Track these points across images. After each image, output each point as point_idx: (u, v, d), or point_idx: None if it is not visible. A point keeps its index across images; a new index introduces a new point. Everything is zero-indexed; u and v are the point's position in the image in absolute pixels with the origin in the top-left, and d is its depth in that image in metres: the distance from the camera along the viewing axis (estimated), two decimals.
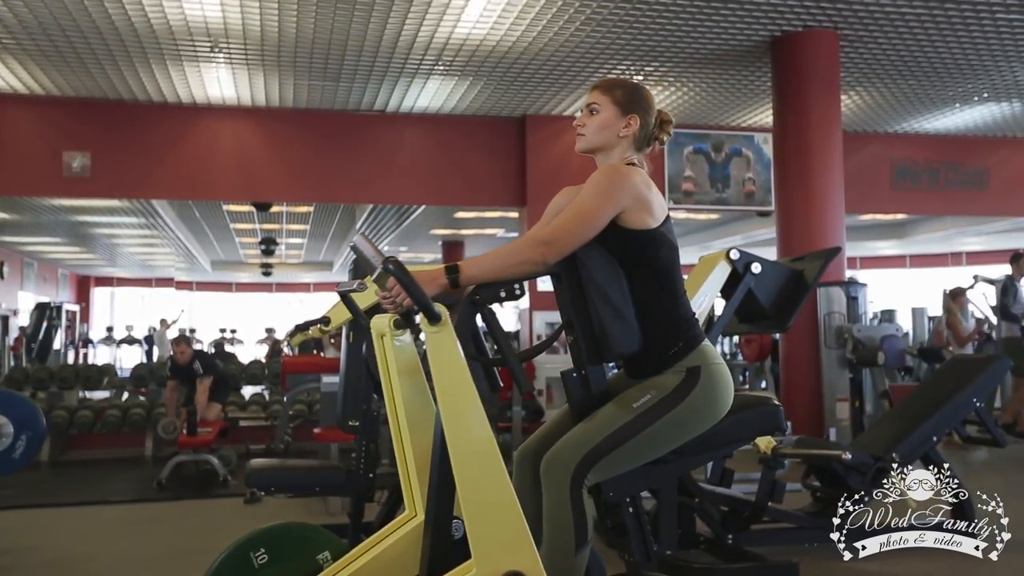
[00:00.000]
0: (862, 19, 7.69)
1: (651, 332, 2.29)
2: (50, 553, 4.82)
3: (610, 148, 2.41)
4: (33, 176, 9.70)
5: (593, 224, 2.21)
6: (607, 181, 2.26)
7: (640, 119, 2.39)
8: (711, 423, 2.28)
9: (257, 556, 2.54)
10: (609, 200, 2.23)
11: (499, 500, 2.01)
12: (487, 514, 2.00)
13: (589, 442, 2.20)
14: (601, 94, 2.40)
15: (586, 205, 2.22)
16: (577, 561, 2.17)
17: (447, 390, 2.04)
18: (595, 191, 2.25)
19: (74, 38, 7.86)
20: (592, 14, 7.52)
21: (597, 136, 2.40)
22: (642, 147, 2.43)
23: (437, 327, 2.03)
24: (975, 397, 4.58)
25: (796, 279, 4.60)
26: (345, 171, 10.37)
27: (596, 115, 2.40)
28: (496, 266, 2.17)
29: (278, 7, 7.27)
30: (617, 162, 2.39)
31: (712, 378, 2.27)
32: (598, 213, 2.22)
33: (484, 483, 2.02)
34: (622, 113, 2.38)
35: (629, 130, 2.39)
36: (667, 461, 2.32)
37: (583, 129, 2.41)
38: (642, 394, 2.26)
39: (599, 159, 2.43)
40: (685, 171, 10.89)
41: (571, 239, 2.19)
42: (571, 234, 2.19)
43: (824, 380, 7.53)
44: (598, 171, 2.32)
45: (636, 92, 2.42)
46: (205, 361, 7.52)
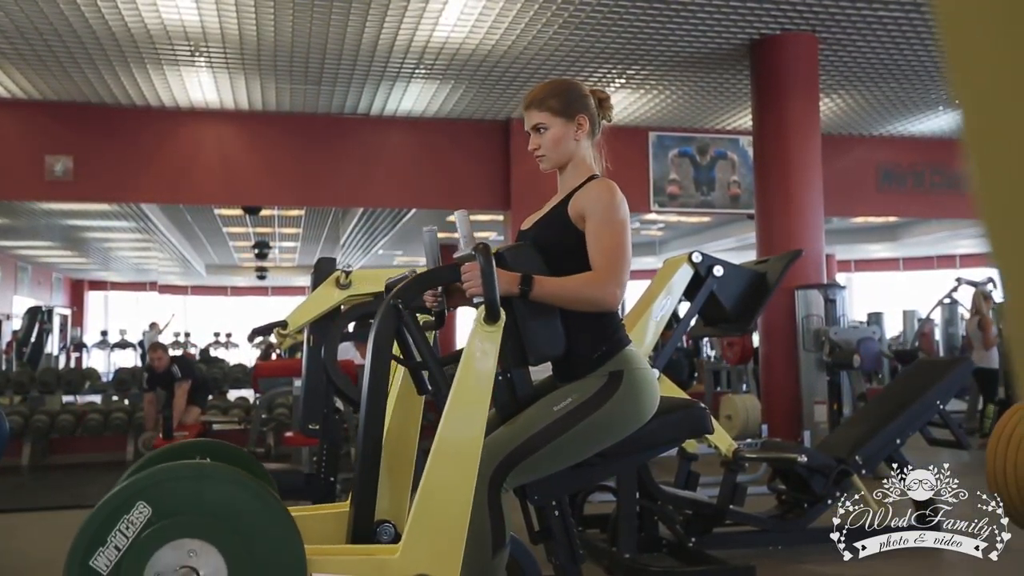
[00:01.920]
0: (840, 23, 7.70)
1: (575, 335, 2.29)
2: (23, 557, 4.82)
3: (572, 156, 2.43)
4: (15, 180, 9.71)
5: (629, 248, 2.31)
6: (620, 204, 2.31)
7: (586, 114, 2.41)
8: (634, 427, 2.28)
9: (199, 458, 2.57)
10: (627, 221, 2.32)
11: (456, 508, 2.04)
12: (438, 516, 2.02)
13: (508, 445, 2.20)
14: (539, 111, 2.40)
15: (620, 238, 2.28)
16: (494, 564, 2.17)
17: (466, 386, 2.09)
18: (618, 218, 2.30)
19: (53, 42, 7.87)
20: (570, 17, 7.52)
21: (556, 153, 2.41)
22: (595, 135, 2.46)
23: (492, 327, 2.09)
24: (938, 399, 4.59)
25: (758, 282, 4.60)
26: (329, 175, 10.38)
27: (545, 133, 2.40)
28: (567, 296, 2.24)
29: (255, 11, 7.28)
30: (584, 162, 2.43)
31: (635, 382, 2.27)
32: (627, 237, 2.30)
33: (452, 487, 2.05)
34: (568, 119, 2.39)
35: (583, 131, 2.41)
36: (592, 464, 2.32)
37: (540, 151, 2.42)
38: (563, 397, 2.26)
39: (567, 168, 2.45)
40: (670, 174, 10.88)
41: (626, 273, 2.28)
42: (626, 269, 2.28)
43: (802, 383, 7.54)
44: (604, 194, 2.32)
45: (567, 91, 2.42)
46: (183, 365, 7.53)
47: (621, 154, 10.74)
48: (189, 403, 7.55)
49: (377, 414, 2.20)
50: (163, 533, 1.84)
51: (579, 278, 2.26)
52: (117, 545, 1.81)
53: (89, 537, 1.82)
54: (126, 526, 1.82)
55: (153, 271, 23.62)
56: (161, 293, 25.93)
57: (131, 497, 1.84)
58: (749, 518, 4.45)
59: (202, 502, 1.88)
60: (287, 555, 1.88)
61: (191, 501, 1.88)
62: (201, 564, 1.84)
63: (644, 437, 2.31)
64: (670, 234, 17.80)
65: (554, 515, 2.34)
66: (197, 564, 1.84)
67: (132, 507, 1.83)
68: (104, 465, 8.27)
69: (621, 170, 9.84)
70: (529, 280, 2.17)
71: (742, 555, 4.41)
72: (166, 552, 1.84)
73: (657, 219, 14.79)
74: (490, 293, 2.07)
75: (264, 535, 1.88)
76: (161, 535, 1.84)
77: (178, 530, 1.85)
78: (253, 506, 1.90)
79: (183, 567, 1.83)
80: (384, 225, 15.11)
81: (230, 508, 1.89)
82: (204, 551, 1.85)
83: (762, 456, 4.57)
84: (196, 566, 1.84)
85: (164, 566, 1.83)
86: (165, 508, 1.85)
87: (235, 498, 1.90)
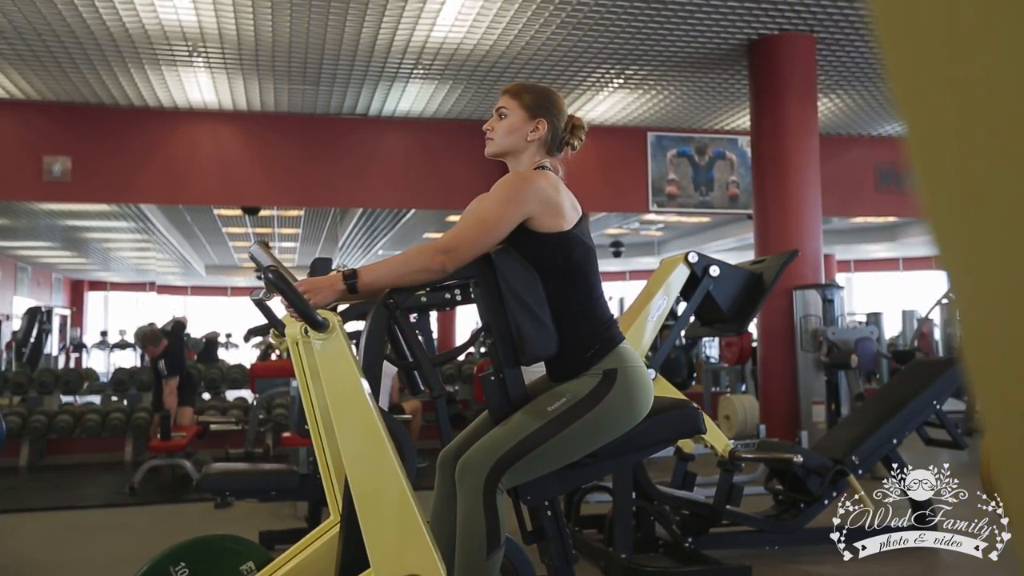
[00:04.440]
0: (838, 23, 7.70)
1: (567, 335, 2.29)
2: (17, 558, 4.82)
3: (519, 152, 2.42)
4: (13, 180, 9.71)
5: (495, 232, 2.22)
6: (510, 188, 2.27)
7: (548, 123, 2.40)
8: (628, 426, 2.27)
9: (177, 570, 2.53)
10: (512, 207, 2.23)
11: (393, 504, 2.02)
12: (381, 519, 2.01)
13: (503, 446, 2.20)
14: (510, 98, 2.42)
15: (488, 213, 2.24)
16: (490, 565, 2.16)
17: (337, 395, 2.07)
18: (498, 198, 2.26)
19: (51, 43, 7.87)
20: (567, 18, 7.52)
21: (505, 140, 2.41)
22: (553, 151, 2.44)
23: (324, 334, 2.05)
24: (935, 399, 4.58)
25: (755, 282, 4.60)
26: (326, 175, 10.38)
27: (504, 119, 2.41)
28: (394, 273, 2.19)
29: (252, 11, 7.28)
30: (526, 167, 2.39)
31: (628, 381, 2.27)
32: (500, 220, 2.22)
33: (376, 486, 2.03)
34: (530, 117, 2.40)
35: (537, 134, 2.40)
36: (585, 464, 2.31)
37: (492, 134, 2.42)
38: (557, 398, 2.25)
39: (509, 163, 2.45)
40: (669, 174, 10.88)
41: (471, 247, 2.20)
42: (471, 242, 2.20)
43: (800, 383, 7.53)
44: (502, 179, 2.33)
45: (545, 96, 2.43)
46: (170, 361, 7.36)
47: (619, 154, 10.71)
48: (180, 403, 7.49)
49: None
50: None
51: (411, 249, 2.25)
52: None
53: None
54: None
55: (152, 271, 23.61)
56: (160, 294, 25.91)
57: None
58: (745, 518, 4.45)
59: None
60: None
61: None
62: None
63: (637, 437, 2.31)
64: (669, 234, 17.80)
65: (547, 515, 2.34)
66: None
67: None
68: (102, 466, 8.27)
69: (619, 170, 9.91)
70: (353, 273, 2.13)
71: (738, 555, 4.41)
72: None
73: (656, 219, 14.78)
74: (298, 307, 2.03)
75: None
76: None
77: None
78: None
79: None
80: (384, 225, 15.11)
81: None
82: None
83: (758, 456, 4.57)
84: None
85: None
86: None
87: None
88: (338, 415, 2.05)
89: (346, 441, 2.04)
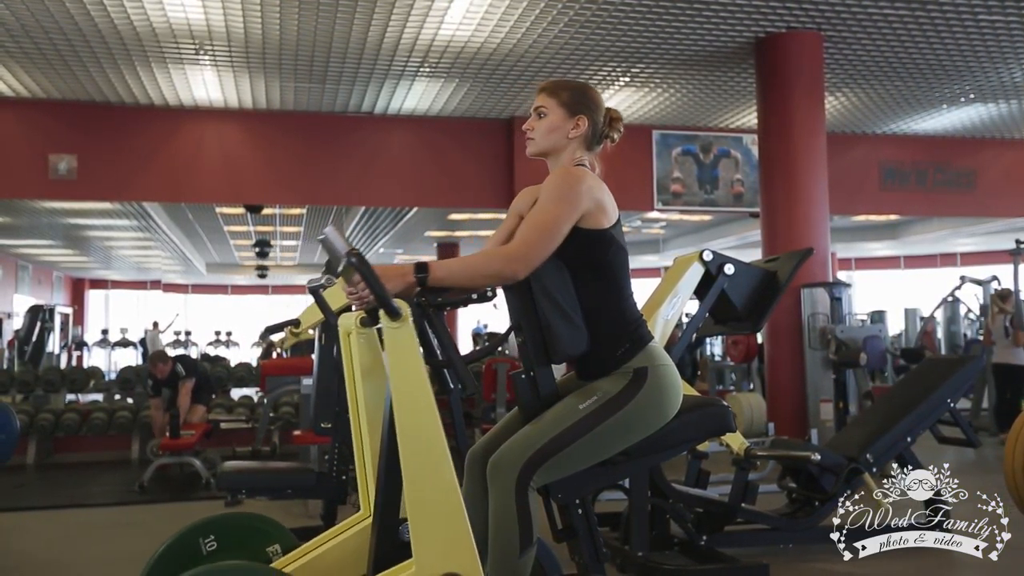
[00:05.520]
0: (845, 20, 7.69)
1: (598, 333, 2.29)
2: (26, 556, 4.81)
3: (560, 150, 2.41)
4: (19, 179, 9.70)
5: (558, 234, 2.21)
6: (565, 187, 2.25)
7: (588, 119, 2.40)
8: (659, 424, 2.28)
9: (206, 542, 2.54)
10: (570, 207, 2.23)
11: (443, 500, 2.01)
12: (430, 513, 2.01)
13: (535, 444, 2.20)
14: (547, 97, 2.40)
15: (548, 216, 2.21)
16: (522, 563, 2.16)
17: (401, 387, 2.04)
18: (555, 198, 2.24)
19: (58, 41, 7.86)
20: (575, 16, 7.52)
21: (546, 139, 2.41)
22: (592, 147, 2.44)
23: (397, 323, 2.03)
24: (949, 397, 4.59)
25: (769, 280, 4.60)
26: (332, 173, 10.37)
27: (544, 118, 2.40)
28: (465, 274, 2.17)
29: (260, 10, 7.27)
30: (567, 164, 2.38)
31: (659, 379, 2.27)
32: (561, 222, 2.21)
33: (429, 483, 2.02)
34: (570, 114, 2.39)
35: (578, 131, 2.39)
36: (615, 463, 2.31)
37: (532, 133, 2.42)
38: (589, 396, 2.25)
39: (550, 162, 2.44)
40: (673, 172, 10.88)
41: (540, 253, 2.19)
42: (540, 247, 2.19)
43: (808, 381, 7.54)
44: (553, 176, 2.31)
45: (583, 92, 2.42)
46: (187, 364, 7.51)
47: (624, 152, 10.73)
48: (193, 402, 7.54)
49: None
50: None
51: (483, 252, 2.24)
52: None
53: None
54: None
55: (153, 269, 23.60)
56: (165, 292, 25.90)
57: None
58: (760, 516, 4.45)
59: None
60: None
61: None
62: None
63: (668, 435, 2.31)
64: (671, 232, 17.81)
65: (578, 513, 2.34)
66: None
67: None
68: (108, 464, 8.26)
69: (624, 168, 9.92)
70: (424, 266, 2.10)
71: (752, 553, 4.41)
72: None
73: (659, 217, 14.78)
74: (379, 293, 2.01)
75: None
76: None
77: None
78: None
79: None
80: (385, 224, 15.11)
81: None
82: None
83: (774, 454, 4.57)
84: None
85: None
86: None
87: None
88: (400, 404, 2.03)
89: (405, 432, 2.02)
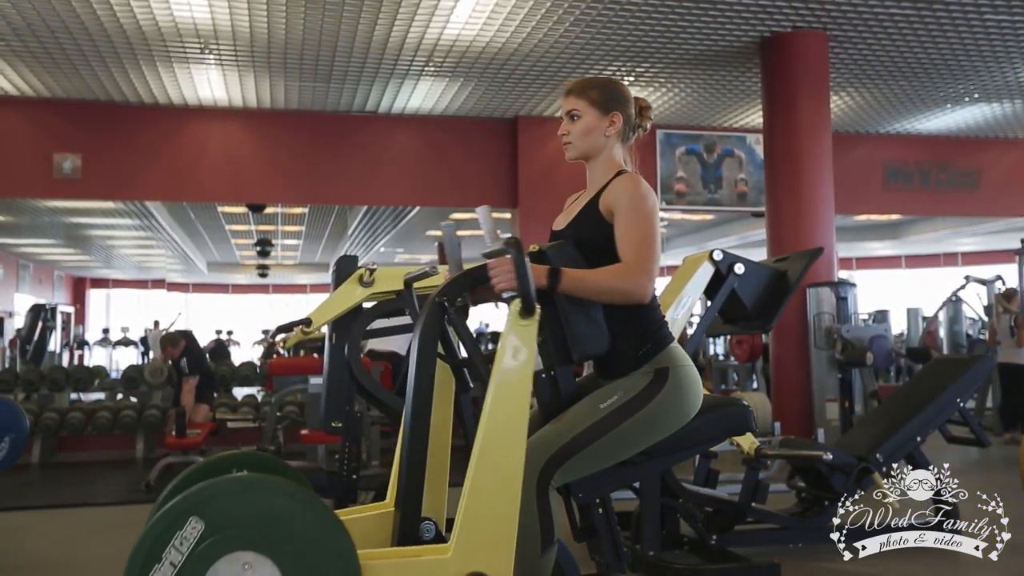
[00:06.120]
0: (851, 20, 7.70)
1: (620, 333, 2.29)
2: (33, 556, 4.80)
3: (600, 150, 2.42)
4: (24, 178, 9.70)
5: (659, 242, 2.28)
6: (647, 198, 2.30)
7: (622, 114, 2.40)
8: (679, 424, 2.28)
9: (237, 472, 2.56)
10: (655, 214, 2.29)
11: (503, 502, 2.03)
12: (486, 509, 2.02)
13: (555, 443, 2.19)
14: (577, 98, 2.41)
15: (649, 229, 2.26)
16: (543, 562, 2.16)
17: (506, 382, 2.06)
18: (643, 212, 2.28)
19: (63, 40, 7.85)
20: (581, 15, 7.52)
21: (584, 142, 2.42)
22: (627, 139, 2.45)
23: (527, 321, 2.06)
24: (958, 397, 4.59)
25: (779, 279, 4.59)
26: (336, 172, 10.37)
27: (578, 121, 2.41)
28: (594, 288, 2.22)
29: (267, 8, 7.27)
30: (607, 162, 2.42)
31: (680, 379, 2.27)
32: (657, 230, 2.28)
33: (497, 481, 2.04)
34: (603, 113, 2.39)
35: (614, 128, 2.40)
36: (636, 462, 2.31)
37: (568, 137, 2.43)
38: (610, 395, 2.25)
39: (590, 163, 2.45)
40: (677, 172, 10.88)
41: (657, 264, 2.26)
42: (656, 260, 2.26)
43: (813, 380, 7.54)
44: (629, 189, 2.31)
45: (612, 88, 2.42)
46: (192, 360, 7.45)
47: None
48: (197, 400, 7.52)
49: (423, 413, 2.19)
50: (217, 547, 1.83)
51: (609, 270, 2.24)
52: (172, 561, 1.81)
53: (144, 554, 1.82)
54: (180, 542, 1.82)
55: (155, 268, 23.57)
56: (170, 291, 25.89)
57: (184, 513, 1.84)
58: (771, 516, 4.45)
59: (254, 514, 1.87)
60: (341, 562, 1.88)
61: (243, 514, 1.87)
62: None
63: (688, 435, 2.31)
64: (673, 232, 17.79)
65: (598, 513, 2.34)
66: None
67: (185, 523, 1.83)
68: (113, 463, 8.26)
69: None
70: (556, 273, 2.15)
71: (761, 553, 4.40)
72: (221, 567, 1.83)
73: (663, 217, 14.77)
74: (525, 287, 2.04)
75: (317, 544, 1.88)
76: (215, 549, 1.83)
77: (231, 543, 1.84)
78: (304, 515, 1.89)
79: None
80: (386, 223, 15.10)
81: (282, 519, 1.88)
82: (258, 563, 1.85)
83: (785, 454, 4.57)
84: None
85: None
86: (217, 522, 1.84)
87: (286, 508, 1.89)
88: (497, 399, 2.05)
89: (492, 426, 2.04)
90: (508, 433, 2.05)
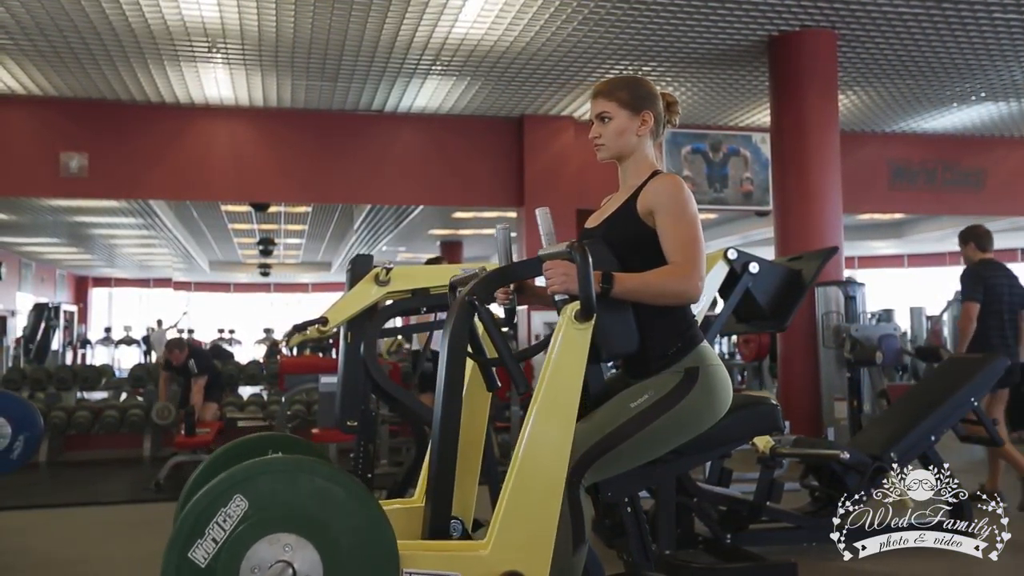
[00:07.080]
0: (860, 19, 7.69)
1: (649, 332, 2.28)
2: (42, 555, 4.79)
3: (632, 150, 2.42)
4: (30, 177, 9.70)
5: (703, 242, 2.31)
6: (688, 199, 2.29)
7: (652, 112, 2.40)
8: (709, 423, 2.27)
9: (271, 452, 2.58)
10: (697, 213, 2.30)
11: (545, 502, 2.03)
12: (528, 508, 2.02)
13: (586, 442, 2.19)
14: (606, 100, 2.40)
15: (694, 231, 2.27)
16: (575, 561, 2.16)
17: (557, 385, 2.07)
18: (687, 213, 2.28)
19: (71, 39, 7.85)
20: (590, 14, 7.51)
21: (617, 144, 2.41)
22: (657, 136, 2.46)
23: (584, 324, 2.08)
24: (972, 396, 4.58)
25: (794, 279, 4.59)
26: (342, 171, 10.37)
27: (609, 123, 2.40)
28: (648, 291, 2.22)
29: (275, 7, 7.27)
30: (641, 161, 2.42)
31: (710, 379, 2.27)
32: (701, 230, 2.29)
33: (541, 484, 2.03)
34: (634, 113, 2.39)
35: (646, 127, 2.40)
36: (665, 461, 2.31)
37: (600, 140, 2.42)
38: (640, 394, 2.25)
39: (623, 164, 2.45)
40: (683, 171, 10.85)
41: (704, 265, 2.28)
42: (703, 261, 2.27)
43: (822, 380, 7.53)
44: (670, 190, 2.30)
45: (639, 87, 2.42)
46: (200, 360, 7.50)
47: None
48: (205, 399, 7.53)
49: (453, 411, 2.19)
50: (259, 527, 1.83)
51: (660, 272, 2.24)
52: (215, 537, 1.81)
53: (188, 528, 1.81)
54: (223, 519, 1.82)
55: (157, 267, 23.58)
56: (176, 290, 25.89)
57: (228, 490, 1.84)
58: (785, 515, 4.45)
59: (297, 496, 1.87)
60: (380, 550, 1.88)
61: (287, 495, 1.87)
62: (296, 559, 1.84)
63: (718, 434, 2.30)
64: None
65: (627, 512, 2.34)
66: (292, 558, 1.83)
67: (229, 500, 1.82)
68: (120, 462, 8.24)
69: None
70: (610, 278, 2.16)
71: (775, 551, 4.40)
72: (262, 546, 1.83)
73: None
74: (587, 290, 2.05)
75: (357, 530, 1.88)
76: (257, 529, 1.83)
77: (274, 524, 1.84)
78: (347, 501, 1.89)
79: (279, 561, 1.83)
80: (388, 222, 15.10)
81: (325, 503, 1.88)
82: (299, 546, 1.84)
83: (801, 453, 4.56)
84: (291, 560, 1.83)
85: (260, 560, 1.82)
86: (262, 502, 1.84)
87: (329, 493, 1.89)
88: (548, 399, 2.06)
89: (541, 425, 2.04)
90: (556, 436, 2.05)
